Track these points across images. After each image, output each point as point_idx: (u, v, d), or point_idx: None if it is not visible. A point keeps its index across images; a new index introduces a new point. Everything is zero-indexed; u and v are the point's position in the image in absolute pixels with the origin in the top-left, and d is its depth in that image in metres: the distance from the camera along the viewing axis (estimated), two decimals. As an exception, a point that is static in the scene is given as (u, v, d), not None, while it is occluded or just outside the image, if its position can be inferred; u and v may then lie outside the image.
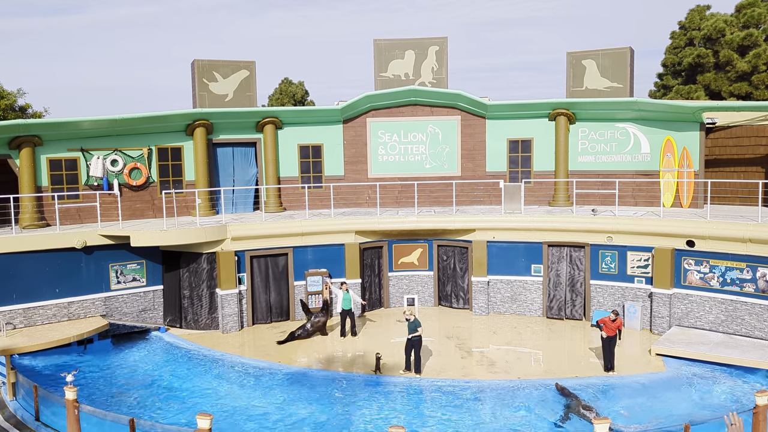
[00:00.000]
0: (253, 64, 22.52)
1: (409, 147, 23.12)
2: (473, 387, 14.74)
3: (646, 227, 18.35)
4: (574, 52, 22.45)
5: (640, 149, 21.48)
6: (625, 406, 13.72)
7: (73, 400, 12.04)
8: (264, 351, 17.57)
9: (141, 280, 19.60)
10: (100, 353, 17.99)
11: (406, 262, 21.58)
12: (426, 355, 16.75)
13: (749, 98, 35.24)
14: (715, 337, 16.97)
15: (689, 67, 37.97)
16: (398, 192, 23.05)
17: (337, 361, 16.78)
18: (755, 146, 21.24)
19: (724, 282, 17.24)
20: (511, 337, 18.38)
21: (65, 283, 18.16)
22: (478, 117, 22.81)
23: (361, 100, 22.35)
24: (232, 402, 14.51)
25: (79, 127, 19.55)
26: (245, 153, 22.51)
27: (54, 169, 19.52)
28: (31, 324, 17.66)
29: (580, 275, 19.70)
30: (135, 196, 20.83)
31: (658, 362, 15.94)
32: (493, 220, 20.22)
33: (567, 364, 16.01)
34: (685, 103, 21.37)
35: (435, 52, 22.89)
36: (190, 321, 19.72)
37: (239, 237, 19.25)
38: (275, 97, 47.73)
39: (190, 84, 22.49)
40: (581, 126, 22.12)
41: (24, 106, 34.42)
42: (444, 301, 21.74)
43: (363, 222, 20.48)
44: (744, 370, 15.18)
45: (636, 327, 18.62)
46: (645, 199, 21.33)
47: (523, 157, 22.69)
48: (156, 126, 20.69)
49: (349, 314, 18.52)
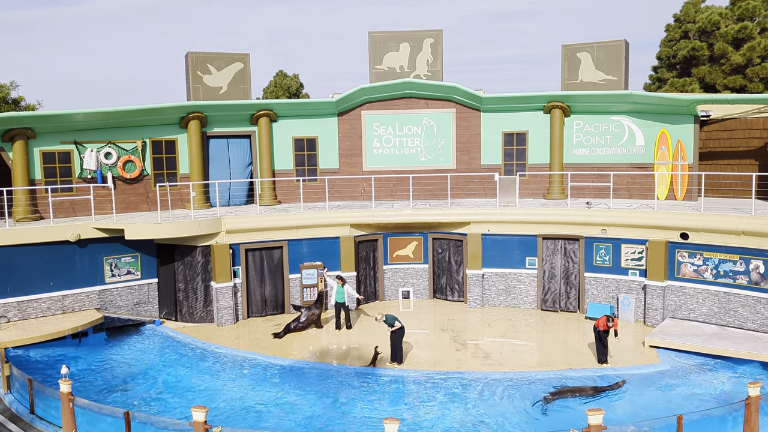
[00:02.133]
0: (247, 57, 22.42)
1: (404, 140, 23.10)
2: (467, 378, 14.80)
3: (640, 220, 18.41)
4: (569, 45, 22.42)
5: (634, 142, 21.51)
6: (618, 398, 13.80)
7: (67, 393, 12.04)
8: (259, 344, 17.59)
9: (135, 274, 19.56)
10: (95, 346, 17.97)
11: (401, 255, 21.60)
12: (421, 348, 16.80)
13: (744, 91, 35.30)
14: (708, 328, 17.06)
15: (684, 60, 37.98)
16: (393, 185, 23.05)
17: (331, 354, 16.81)
18: (749, 139, 21.30)
19: (717, 274, 17.32)
20: (506, 329, 18.44)
21: (59, 277, 18.11)
22: (473, 110, 22.79)
23: (355, 93, 22.30)
24: (227, 394, 14.52)
25: (73, 120, 19.45)
26: (240, 146, 22.44)
27: (47, 162, 19.43)
28: (25, 317, 17.62)
29: (575, 268, 19.76)
30: (129, 189, 20.76)
31: (652, 354, 16.03)
32: (487, 213, 20.24)
33: (561, 356, 16.08)
34: (680, 96, 21.40)
35: (430, 44, 22.83)
36: (185, 314, 19.71)
37: (234, 230, 19.23)
38: (270, 89, 47.59)
39: (184, 76, 22.40)
40: (576, 119, 22.13)
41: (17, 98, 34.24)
42: (439, 293, 21.78)
43: (358, 215, 20.48)
44: (737, 361, 15.28)
45: (630, 319, 18.70)
46: (639, 192, 21.38)
47: (518, 149, 22.70)
48: (150, 119, 20.61)
49: (342, 307, 18.54)
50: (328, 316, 19.69)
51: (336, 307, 18.60)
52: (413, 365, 15.70)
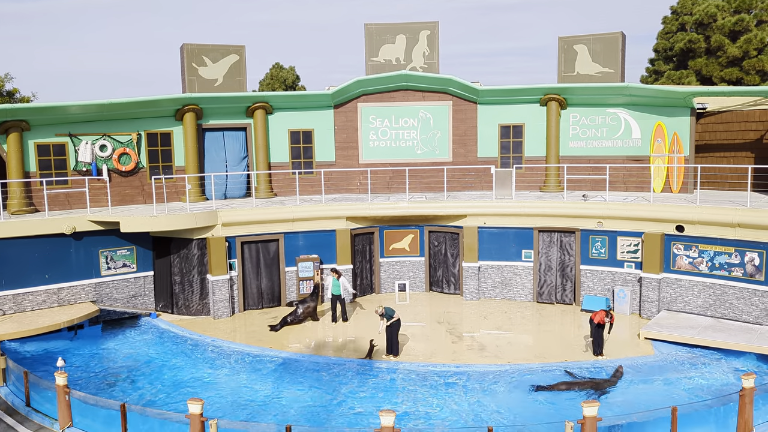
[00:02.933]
0: (242, 49, 22.31)
1: (401, 132, 23.05)
2: (462, 371, 14.83)
3: (636, 212, 18.42)
4: (565, 37, 22.38)
5: (631, 134, 21.51)
6: (612, 388, 13.84)
7: (63, 386, 12.05)
8: (255, 337, 17.59)
9: (131, 266, 19.52)
10: (91, 339, 17.97)
11: (397, 248, 21.60)
12: (417, 340, 16.83)
13: (740, 83, 35.31)
14: (703, 321, 17.11)
15: (681, 53, 37.96)
16: (389, 178, 23.02)
17: (327, 346, 16.82)
18: (745, 131, 21.31)
19: (712, 266, 17.35)
20: (502, 321, 18.47)
21: (55, 269, 18.07)
22: (469, 102, 22.74)
23: (351, 85, 22.22)
24: (224, 387, 14.54)
25: (67, 112, 19.37)
26: (235, 138, 22.36)
27: (42, 155, 19.36)
28: (20, 310, 17.59)
29: (571, 260, 19.79)
30: (124, 182, 20.70)
31: (647, 346, 16.08)
32: (484, 206, 20.24)
33: (557, 349, 16.12)
34: (676, 89, 21.38)
35: (426, 36, 22.75)
36: (182, 307, 19.70)
37: (230, 223, 19.19)
38: (266, 82, 47.44)
39: (180, 68, 22.30)
40: (572, 111, 22.10)
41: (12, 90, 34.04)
42: (435, 286, 21.79)
43: (354, 208, 20.46)
44: (732, 353, 15.32)
45: (625, 311, 18.75)
46: (635, 185, 21.40)
47: (514, 142, 22.68)
48: (145, 111, 20.53)
49: (339, 300, 18.55)
50: (324, 309, 19.69)
51: (332, 299, 18.61)
52: (409, 357, 15.72)
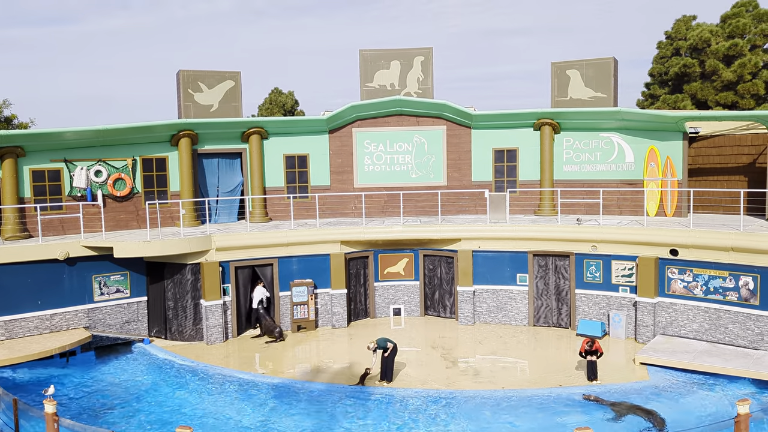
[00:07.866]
0: (238, 75, 22.50)
1: (395, 157, 23.13)
2: (456, 397, 14.70)
3: (630, 236, 18.42)
4: (558, 62, 22.57)
5: (624, 158, 21.58)
6: (609, 416, 13.71)
7: (52, 414, 11.91)
8: (248, 362, 17.47)
9: (125, 292, 19.46)
10: (83, 366, 17.82)
11: (392, 272, 21.54)
12: (411, 366, 16.71)
13: (735, 107, 35.54)
14: (699, 345, 17.01)
15: (676, 77, 38.27)
16: (384, 202, 23.05)
17: (321, 372, 16.67)
18: (738, 155, 21.38)
19: (707, 290, 17.30)
20: (497, 346, 18.36)
21: (47, 295, 18.01)
22: (463, 127, 22.86)
23: (346, 110, 22.36)
24: (216, 413, 14.39)
25: (63, 138, 19.45)
26: (230, 163, 22.44)
27: (37, 180, 19.38)
28: (12, 336, 17.49)
29: (566, 284, 19.73)
30: (119, 207, 20.72)
31: (642, 371, 15.96)
32: (478, 230, 20.24)
33: (552, 374, 15.99)
34: (668, 113, 21.51)
35: (420, 62, 22.96)
36: (175, 332, 19.59)
37: (224, 248, 19.17)
38: (265, 106, 47.74)
39: (175, 94, 22.45)
40: (566, 135, 22.21)
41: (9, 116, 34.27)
42: (430, 310, 21.70)
43: (349, 232, 20.45)
44: (728, 378, 15.21)
45: (621, 336, 18.64)
46: (629, 208, 21.41)
47: (508, 166, 22.75)
48: (140, 136, 20.61)
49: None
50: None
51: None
52: (402, 384, 15.59)
